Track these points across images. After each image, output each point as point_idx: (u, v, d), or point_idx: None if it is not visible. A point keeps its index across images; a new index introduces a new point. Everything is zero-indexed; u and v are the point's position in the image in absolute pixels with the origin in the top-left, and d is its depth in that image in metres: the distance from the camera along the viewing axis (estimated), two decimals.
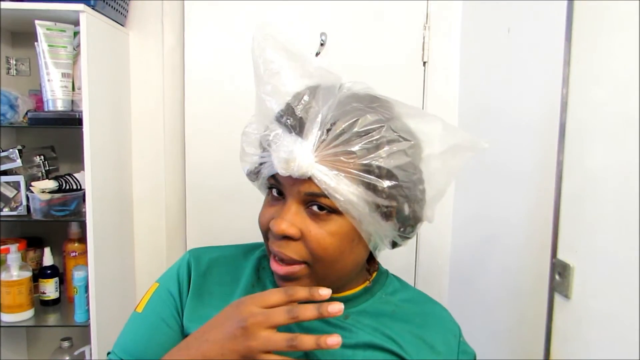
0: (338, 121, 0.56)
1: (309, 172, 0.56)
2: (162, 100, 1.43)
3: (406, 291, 0.74)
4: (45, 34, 1.18)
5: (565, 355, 0.86)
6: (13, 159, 1.24)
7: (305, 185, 0.57)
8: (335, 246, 0.59)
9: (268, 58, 0.61)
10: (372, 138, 0.56)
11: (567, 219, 0.86)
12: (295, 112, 0.58)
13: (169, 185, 1.46)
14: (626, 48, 0.72)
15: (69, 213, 1.24)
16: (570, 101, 0.85)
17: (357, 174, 0.56)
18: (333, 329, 0.65)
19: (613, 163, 0.75)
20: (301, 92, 0.59)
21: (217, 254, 0.74)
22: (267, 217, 0.62)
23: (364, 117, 0.57)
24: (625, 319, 0.72)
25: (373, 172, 0.56)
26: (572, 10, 0.84)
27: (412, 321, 0.69)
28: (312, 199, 0.58)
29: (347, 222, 0.58)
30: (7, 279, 1.23)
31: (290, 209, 0.59)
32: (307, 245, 0.59)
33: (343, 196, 0.56)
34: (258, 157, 0.63)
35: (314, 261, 0.60)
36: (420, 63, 1.41)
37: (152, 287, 0.73)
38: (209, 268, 0.72)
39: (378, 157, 0.56)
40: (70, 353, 1.35)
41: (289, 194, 0.60)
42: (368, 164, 0.56)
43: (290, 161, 0.56)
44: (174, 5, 1.40)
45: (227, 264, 0.73)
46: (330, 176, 0.56)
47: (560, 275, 0.86)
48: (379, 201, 0.57)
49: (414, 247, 1.46)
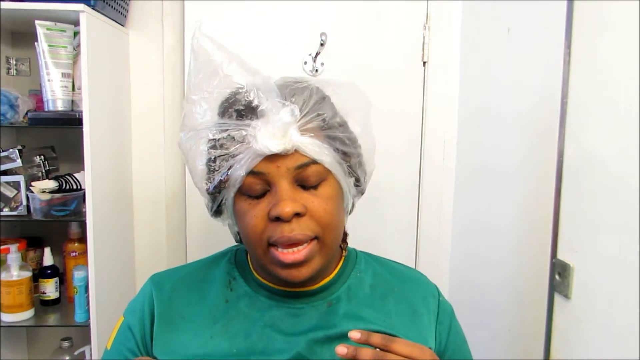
0: (295, 96, 0.61)
1: (297, 142, 0.58)
2: (162, 100, 1.43)
3: (378, 263, 0.76)
4: (45, 34, 1.18)
5: (565, 355, 0.86)
6: (13, 159, 1.24)
7: (292, 159, 0.59)
8: (335, 209, 0.63)
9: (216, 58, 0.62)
10: (328, 101, 0.64)
11: (567, 219, 0.86)
12: (257, 98, 0.60)
13: (169, 185, 1.46)
14: (626, 48, 0.72)
15: (69, 213, 1.24)
16: (570, 101, 0.85)
17: (329, 133, 0.62)
18: (319, 324, 0.66)
19: (613, 163, 0.75)
20: (246, 85, 0.61)
21: (178, 275, 0.73)
22: (259, 215, 0.61)
23: (313, 87, 0.63)
24: (625, 319, 0.72)
25: (337, 127, 0.63)
26: (572, 10, 0.84)
27: (391, 292, 0.72)
28: (301, 171, 0.60)
29: (334, 184, 0.63)
30: (7, 279, 1.23)
31: (285, 189, 0.60)
32: (313, 218, 0.60)
33: (327, 157, 0.61)
34: (226, 162, 0.61)
35: (323, 232, 0.61)
36: (420, 63, 1.41)
37: (119, 321, 0.72)
38: (173, 292, 0.70)
39: (336, 115, 0.64)
40: (70, 353, 1.35)
41: (277, 178, 0.60)
42: (333, 122, 0.62)
43: (283, 134, 0.58)
44: (174, 5, 1.40)
45: (191, 282, 0.71)
46: (312, 143, 0.59)
47: (560, 275, 0.86)
48: (348, 150, 0.64)
49: (414, 247, 1.47)
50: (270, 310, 0.67)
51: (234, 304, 0.68)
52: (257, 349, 0.64)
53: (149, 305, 0.69)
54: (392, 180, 1.43)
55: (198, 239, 1.43)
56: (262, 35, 1.37)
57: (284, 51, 1.37)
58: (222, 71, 0.61)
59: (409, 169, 1.44)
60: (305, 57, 1.37)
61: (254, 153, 0.59)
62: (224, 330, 0.66)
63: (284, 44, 1.38)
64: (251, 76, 0.62)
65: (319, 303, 0.68)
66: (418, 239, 1.46)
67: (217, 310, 0.68)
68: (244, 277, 0.70)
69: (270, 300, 0.68)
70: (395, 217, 1.45)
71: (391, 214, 1.45)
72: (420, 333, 0.69)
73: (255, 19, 1.36)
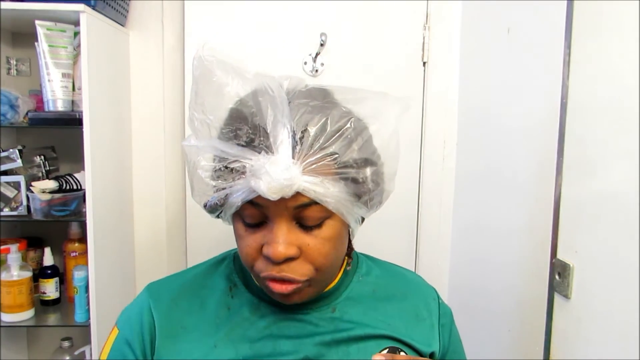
0: (308, 126, 0.54)
1: (299, 187, 0.53)
2: (162, 100, 1.43)
3: (379, 267, 0.76)
4: (45, 34, 1.18)
5: (565, 355, 0.86)
6: (13, 159, 1.24)
7: (292, 199, 0.54)
8: (333, 250, 0.60)
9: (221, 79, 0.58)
10: (346, 133, 0.56)
11: (567, 219, 0.86)
12: (259, 129, 0.54)
13: (169, 185, 1.46)
14: (626, 48, 0.72)
15: (69, 213, 1.24)
16: (569, 101, 0.85)
17: (340, 172, 0.55)
18: (325, 328, 0.66)
19: (613, 163, 0.75)
20: (244, 105, 0.56)
21: (176, 284, 0.70)
22: (252, 247, 0.58)
23: (331, 115, 0.56)
24: (625, 319, 0.72)
25: (352, 166, 0.56)
26: (572, 10, 0.84)
27: (393, 296, 0.71)
28: (301, 211, 0.56)
29: (337, 222, 0.59)
30: (7, 279, 1.23)
31: (282, 229, 0.56)
32: (308, 259, 0.58)
33: (332, 198, 0.55)
34: (224, 188, 0.57)
35: (317, 273, 0.59)
36: (420, 63, 1.41)
37: (113, 333, 0.69)
38: (172, 302, 0.67)
39: (353, 151, 0.56)
40: (70, 353, 1.35)
41: (274, 215, 0.56)
42: (347, 161, 0.56)
43: (283, 186, 0.52)
44: (174, 5, 1.40)
45: (190, 291, 0.69)
46: (317, 183, 0.54)
47: (560, 275, 0.86)
48: (360, 191, 0.58)
49: (414, 247, 1.47)
50: (274, 316, 0.66)
51: (236, 311, 0.66)
52: (263, 354, 0.63)
53: (147, 318, 0.66)
54: None
55: (198, 239, 1.43)
56: (262, 36, 1.37)
57: (284, 51, 1.37)
58: (228, 92, 0.58)
59: (409, 169, 1.44)
60: (305, 57, 1.37)
61: (250, 188, 0.54)
62: (228, 337, 0.64)
63: (284, 44, 1.38)
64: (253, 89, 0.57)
65: (323, 309, 0.67)
66: (418, 239, 1.46)
67: (219, 318, 0.65)
68: (245, 284, 0.69)
69: (273, 306, 0.66)
70: (395, 217, 1.45)
71: (391, 214, 1.45)
72: (423, 336, 0.69)
73: (255, 19, 1.36)
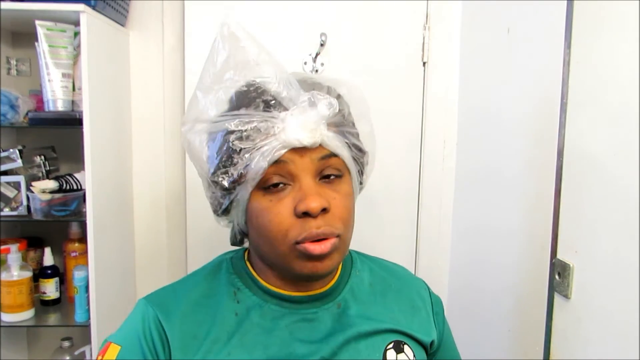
0: (315, 91, 0.60)
1: (324, 137, 0.59)
2: (162, 100, 1.43)
3: (371, 261, 0.78)
4: (45, 34, 1.18)
5: (565, 355, 0.87)
6: (13, 159, 1.24)
7: (315, 151, 0.60)
8: (352, 206, 0.64)
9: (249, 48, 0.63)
10: (342, 100, 0.64)
11: (567, 219, 0.86)
12: (287, 90, 0.60)
13: (169, 185, 1.46)
14: (626, 48, 0.72)
15: (69, 213, 1.24)
16: (569, 101, 0.85)
17: (345, 130, 0.63)
18: (335, 326, 0.66)
19: (613, 163, 0.75)
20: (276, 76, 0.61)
21: (179, 295, 0.67)
22: (284, 212, 0.59)
23: (331, 85, 0.64)
24: (625, 318, 0.72)
25: (351, 126, 0.65)
26: (572, 10, 0.84)
27: (389, 288, 0.74)
28: (324, 163, 0.61)
29: (349, 182, 0.64)
30: (7, 279, 1.23)
31: (311, 185, 0.60)
32: (336, 215, 0.61)
33: (347, 152, 0.62)
34: (248, 155, 0.58)
35: (344, 229, 0.62)
36: (420, 63, 1.41)
37: (110, 351, 0.63)
38: (182, 315, 0.64)
39: (350, 114, 0.65)
40: (70, 353, 1.35)
41: (300, 171, 0.59)
42: (349, 121, 0.64)
43: (316, 127, 0.58)
44: (174, 5, 1.40)
45: (195, 301, 0.66)
46: (334, 138, 0.61)
47: (560, 275, 0.86)
48: (360, 151, 0.65)
49: (414, 247, 1.47)
50: (284, 319, 0.65)
51: (244, 317, 0.65)
52: (279, 357, 0.63)
53: (157, 331, 0.63)
54: (392, 181, 1.43)
55: (198, 239, 1.43)
56: (262, 36, 1.35)
57: (284, 51, 1.37)
58: (254, 60, 0.61)
59: (409, 169, 1.44)
60: (305, 57, 1.37)
61: (279, 144, 0.58)
62: (240, 344, 0.63)
63: (284, 44, 1.38)
64: (276, 68, 0.62)
65: (329, 305, 0.68)
66: (418, 239, 1.46)
67: (229, 325, 0.64)
68: (249, 287, 0.68)
69: (281, 308, 0.66)
70: (395, 218, 1.45)
71: (391, 215, 1.45)
72: (422, 326, 0.72)
73: (255, 19, 1.36)
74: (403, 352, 0.67)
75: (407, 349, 0.68)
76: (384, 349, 0.67)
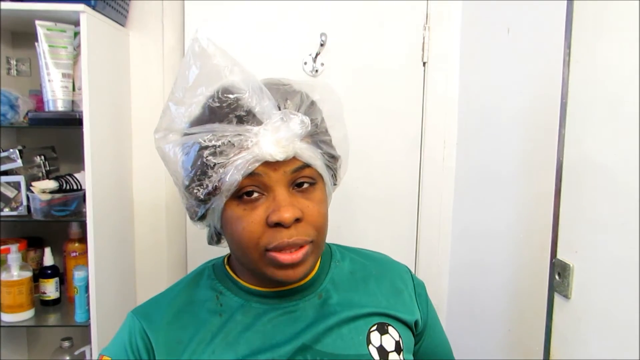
0: (288, 100, 0.62)
1: (297, 149, 0.60)
2: (162, 100, 1.43)
3: (351, 251, 0.79)
4: (45, 34, 1.18)
5: (565, 355, 0.86)
6: (13, 159, 1.24)
7: (288, 164, 0.60)
8: (326, 211, 0.66)
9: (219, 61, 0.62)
10: (317, 105, 0.65)
11: (567, 219, 0.86)
12: (259, 105, 0.59)
13: (169, 185, 1.46)
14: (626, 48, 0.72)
15: (69, 213, 1.24)
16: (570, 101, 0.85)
17: (318, 139, 0.63)
18: (316, 316, 0.68)
19: (613, 163, 0.75)
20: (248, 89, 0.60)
21: (162, 304, 0.70)
22: (256, 221, 0.60)
23: (301, 93, 0.64)
24: (625, 319, 0.72)
25: (324, 133, 0.65)
26: (572, 10, 0.84)
27: (370, 275, 0.75)
28: (297, 174, 0.61)
29: (322, 188, 0.65)
30: (7, 279, 1.24)
31: (284, 195, 0.61)
32: (309, 222, 0.62)
33: (319, 161, 0.63)
34: (223, 168, 0.59)
35: (317, 235, 0.64)
36: (420, 63, 1.41)
37: None
38: (165, 322, 0.68)
39: (322, 120, 0.65)
40: (70, 353, 1.35)
41: (274, 182, 0.60)
42: (321, 128, 0.64)
43: (289, 142, 0.58)
44: (174, 5, 1.40)
45: (178, 308, 0.69)
46: (307, 149, 0.61)
47: (560, 275, 0.86)
48: (332, 158, 0.66)
49: (414, 247, 1.47)
50: (267, 314, 0.68)
51: (228, 317, 0.67)
52: (262, 349, 0.65)
53: (142, 340, 0.67)
54: (392, 181, 1.43)
55: (198, 239, 1.43)
56: (262, 36, 1.37)
57: (284, 51, 1.37)
58: (225, 74, 0.61)
59: (409, 169, 1.44)
60: (305, 57, 1.37)
61: (252, 158, 0.58)
62: (225, 342, 0.65)
63: (284, 44, 1.38)
64: (247, 79, 0.61)
65: (311, 296, 0.70)
66: (418, 239, 1.46)
67: (213, 325, 0.67)
68: (230, 289, 0.70)
69: (263, 305, 0.68)
70: (395, 218, 1.45)
71: (391, 215, 1.45)
72: (405, 307, 0.73)
73: (255, 19, 1.36)
74: (387, 334, 0.69)
75: (392, 330, 0.70)
76: (368, 331, 0.68)
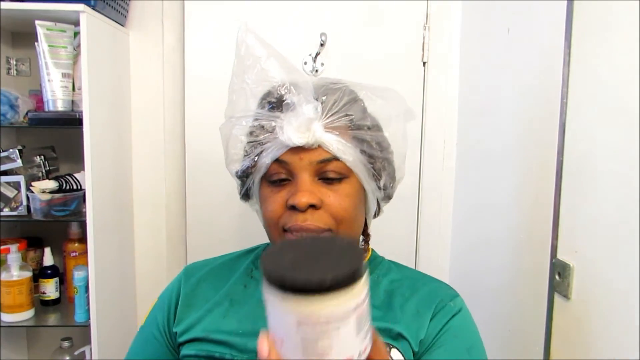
0: (327, 95, 0.65)
1: (321, 138, 0.62)
2: (162, 100, 1.43)
3: (401, 271, 0.77)
4: (45, 34, 1.18)
5: (565, 355, 0.86)
6: (13, 159, 1.24)
7: (315, 154, 0.63)
8: (353, 206, 0.65)
9: (256, 52, 0.69)
10: (359, 102, 0.67)
11: (567, 219, 0.86)
12: (289, 93, 0.64)
13: (169, 185, 1.46)
14: (626, 48, 0.72)
15: (69, 213, 1.24)
16: (570, 101, 0.85)
17: (354, 134, 0.64)
18: None
19: (613, 163, 0.75)
20: (281, 80, 0.66)
21: (209, 267, 0.78)
22: (278, 202, 0.64)
23: (347, 90, 0.67)
24: (625, 318, 0.72)
25: (365, 128, 0.66)
26: (572, 10, 0.84)
27: (401, 295, 0.71)
28: (323, 166, 0.63)
29: (355, 183, 0.66)
30: (7, 279, 1.23)
31: (306, 181, 0.63)
32: (328, 212, 0.64)
33: (350, 156, 0.63)
34: (255, 149, 0.65)
35: (337, 226, 0.64)
36: (420, 63, 1.41)
37: (154, 302, 0.79)
38: (199, 280, 0.76)
39: (366, 117, 0.67)
40: (70, 353, 1.35)
41: (299, 170, 0.63)
42: (361, 124, 0.65)
43: (307, 129, 0.61)
44: (174, 5, 1.40)
45: (218, 272, 0.77)
46: (336, 140, 0.63)
47: (560, 276, 0.86)
48: (371, 157, 0.66)
49: (414, 247, 1.47)
50: None
51: (252, 290, 0.72)
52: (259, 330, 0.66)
53: (176, 291, 0.75)
54: None
55: (198, 239, 1.43)
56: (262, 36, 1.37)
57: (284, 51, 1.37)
58: (260, 65, 0.67)
59: (409, 169, 1.44)
60: (305, 57, 1.37)
61: (280, 143, 0.63)
62: (237, 312, 0.70)
63: (284, 44, 1.37)
64: (288, 73, 0.66)
65: None
66: (418, 239, 1.46)
67: (235, 293, 0.72)
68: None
69: None
70: (395, 217, 1.45)
71: (391, 214, 1.44)
72: (419, 327, 0.68)
73: (255, 19, 1.36)
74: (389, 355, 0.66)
75: (395, 352, 0.65)
76: None
